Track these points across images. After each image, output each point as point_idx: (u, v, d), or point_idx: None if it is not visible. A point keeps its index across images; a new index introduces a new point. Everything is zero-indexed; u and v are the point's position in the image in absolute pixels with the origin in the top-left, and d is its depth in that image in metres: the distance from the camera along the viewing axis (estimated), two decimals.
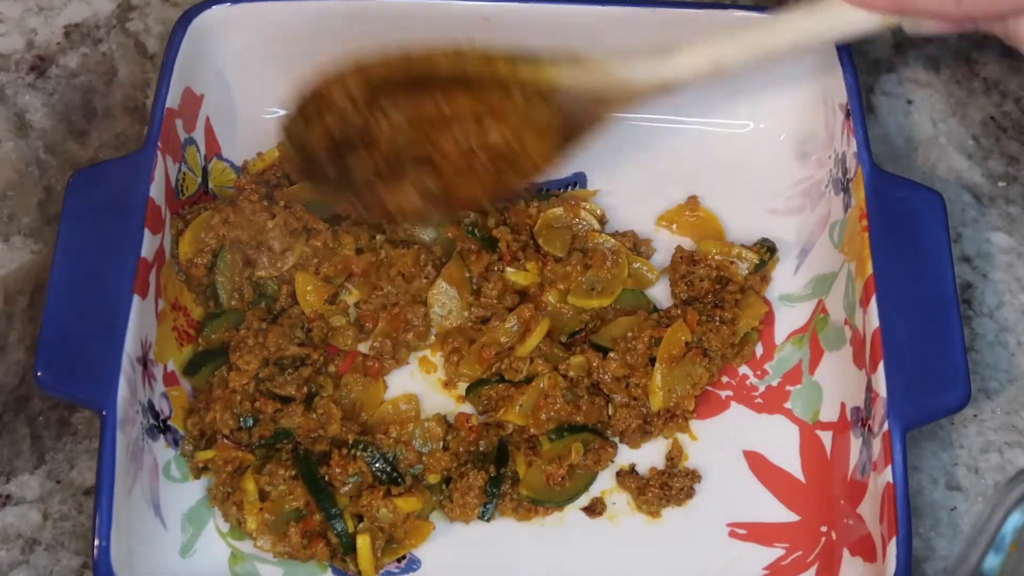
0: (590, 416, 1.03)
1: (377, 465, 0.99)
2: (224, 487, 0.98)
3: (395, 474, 0.99)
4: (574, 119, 0.98)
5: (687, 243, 1.12)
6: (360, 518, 0.98)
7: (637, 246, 1.11)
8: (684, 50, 0.96)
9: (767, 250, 1.10)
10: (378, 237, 1.09)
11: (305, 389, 1.03)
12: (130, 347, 0.93)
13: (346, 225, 1.09)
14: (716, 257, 1.09)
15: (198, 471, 1.00)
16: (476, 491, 0.99)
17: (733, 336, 1.06)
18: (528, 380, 1.03)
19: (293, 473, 0.97)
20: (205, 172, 1.10)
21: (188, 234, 1.04)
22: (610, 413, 1.04)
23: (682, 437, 1.05)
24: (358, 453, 0.99)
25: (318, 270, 1.07)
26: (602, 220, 1.12)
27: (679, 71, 0.97)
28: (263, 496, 0.97)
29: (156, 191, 0.99)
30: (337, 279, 1.07)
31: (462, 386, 1.06)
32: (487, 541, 1.00)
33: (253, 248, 1.06)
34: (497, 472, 1.00)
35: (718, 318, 1.06)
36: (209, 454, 0.99)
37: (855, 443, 0.98)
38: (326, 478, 0.98)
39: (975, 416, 1.06)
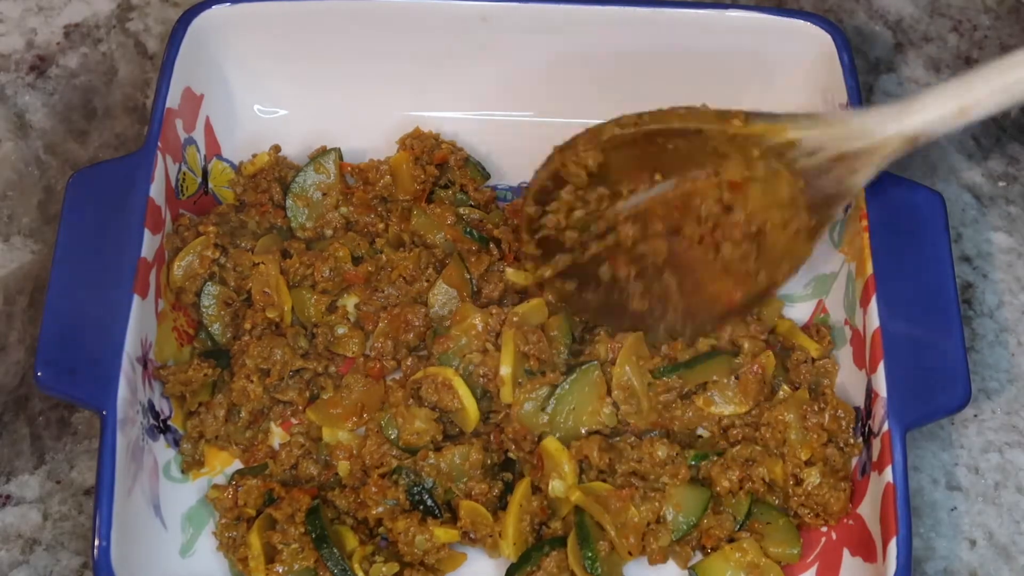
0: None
1: (417, 496, 0.97)
2: (229, 531, 0.97)
3: (433, 505, 0.97)
4: (818, 189, 0.93)
5: None
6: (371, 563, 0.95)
7: None
8: (927, 96, 0.90)
9: None
10: (377, 241, 1.09)
11: (307, 393, 1.03)
12: (130, 347, 0.93)
13: (339, 235, 1.08)
14: None
15: (196, 470, 1.01)
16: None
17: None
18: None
19: (303, 530, 0.94)
20: (205, 172, 1.10)
21: (177, 261, 1.02)
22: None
23: None
24: (400, 480, 0.97)
25: (314, 285, 1.06)
26: None
27: (926, 120, 0.90)
28: (272, 551, 0.94)
29: (156, 191, 0.99)
30: (334, 291, 1.07)
31: None
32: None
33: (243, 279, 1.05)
34: (505, 483, 0.99)
35: None
36: (202, 472, 1.00)
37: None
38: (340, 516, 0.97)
39: (975, 416, 1.06)
